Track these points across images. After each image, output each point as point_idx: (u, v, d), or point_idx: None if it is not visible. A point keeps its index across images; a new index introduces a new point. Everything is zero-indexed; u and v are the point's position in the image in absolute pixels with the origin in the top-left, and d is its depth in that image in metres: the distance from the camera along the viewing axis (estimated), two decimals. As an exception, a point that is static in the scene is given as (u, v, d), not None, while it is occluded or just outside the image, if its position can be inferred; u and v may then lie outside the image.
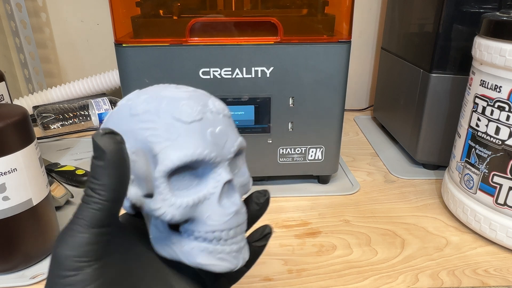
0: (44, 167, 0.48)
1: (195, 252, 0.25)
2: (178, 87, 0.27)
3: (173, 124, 0.24)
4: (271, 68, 0.57)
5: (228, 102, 0.58)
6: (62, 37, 1.01)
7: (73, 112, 0.90)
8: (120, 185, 0.21)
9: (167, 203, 0.24)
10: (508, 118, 0.47)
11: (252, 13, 0.63)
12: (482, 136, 0.50)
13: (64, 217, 0.58)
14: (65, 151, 0.80)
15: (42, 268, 0.48)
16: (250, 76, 0.57)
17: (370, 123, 0.97)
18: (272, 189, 0.66)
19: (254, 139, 0.61)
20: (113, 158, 0.21)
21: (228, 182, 0.26)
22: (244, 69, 0.57)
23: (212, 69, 0.56)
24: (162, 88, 0.27)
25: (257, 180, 0.67)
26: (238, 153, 0.28)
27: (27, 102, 0.94)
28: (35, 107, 0.92)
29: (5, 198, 0.43)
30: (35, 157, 0.45)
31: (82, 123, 0.90)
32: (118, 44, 0.55)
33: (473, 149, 0.52)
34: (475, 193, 0.53)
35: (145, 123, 0.24)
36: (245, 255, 0.28)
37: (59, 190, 0.59)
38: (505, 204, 0.50)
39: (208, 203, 0.25)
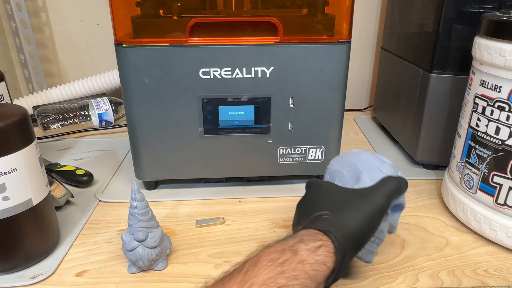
0: (44, 167, 0.48)
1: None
2: (387, 158, 0.46)
3: (376, 170, 0.43)
4: (271, 68, 0.57)
5: (228, 102, 0.58)
6: (62, 37, 1.01)
7: (73, 112, 0.90)
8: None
9: None
10: (508, 118, 0.47)
11: (252, 13, 0.63)
12: (482, 136, 0.50)
13: (64, 217, 0.58)
14: (65, 151, 0.80)
15: (42, 268, 0.48)
16: (250, 76, 0.57)
17: (370, 123, 0.97)
18: (272, 189, 0.66)
19: (254, 139, 0.61)
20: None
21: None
22: (244, 69, 0.56)
23: (212, 69, 0.56)
24: (379, 155, 0.46)
25: (257, 180, 0.67)
26: (397, 208, 0.45)
27: (27, 102, 0.94)
28: (35, 107, 0.92)
29: (5, 198, 0.43)
30: (35, 157, 0.45)
31: (82, 123, 0.90)
32: (118, 44, 0.55)
33: (473, 149, 0.52)
34: (475, 193, 0.53)
35: (363, 162, 0.45)
36: (370, 258, 0.44)
37: (59, 190, 0.59)
38: (505, 204, 0.50)
39: None
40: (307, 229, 0.36)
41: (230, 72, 0.57)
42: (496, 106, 0.48)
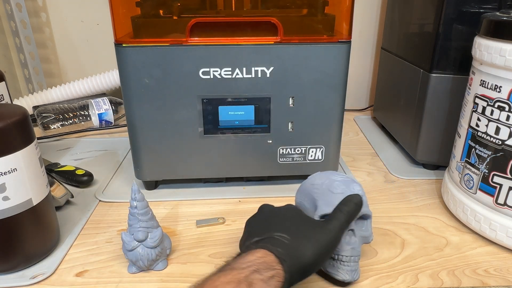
0: (44, 167, 0.48)
1: (329, 261, 0.45)
2: (339, 174, 0.48)
3: (327, 193, 0.45)
4: (271, 68, 0.57)
5: (228, 102, 0.58)
6: (62, 37, 1.01)
7: (73, 112, 0.90)
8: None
9: None
10: (508, 118, 0.47)
11: (252, 13, 0.63)
12: (482, 136, 0.50)
13: (64, 217, 0.58)
14: (65, 151, 0.80)
15: (42, 268, 0.48)
16: (250, 76, 0.57)
17: (370, 123, 0.97)
18: (272, 189, 0.66)
19: (254, 139, 0.61)
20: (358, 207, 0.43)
21: (351, 230, 0.44)
22: (244, 69, 0.57)
23: (212, 69, 0.56)
24: (331, 173, 0.48)
25: (257, 180, 0.67)
26: (364, 217, 0.45)
27: (27, 102, 0.94)
28: (35, 107, 0.92)
29: (5, 198, 0.43)
30: (35, 157, 0.45)
31: (82, 123, 0.90)
32: (118, 44, 0.55)
33: (473, 149, 0.52)
34: (475, 193, 0.53)
35: (315, 189, 0.46)
36: (355, 276, 0.44)
37: (59, 190, 0.59)
38: (505, 204, 0.50)
39: None
40: (263, 249, 0.37)
41: (230, 72, 0.57)
42: (496, 106, 0.48)
